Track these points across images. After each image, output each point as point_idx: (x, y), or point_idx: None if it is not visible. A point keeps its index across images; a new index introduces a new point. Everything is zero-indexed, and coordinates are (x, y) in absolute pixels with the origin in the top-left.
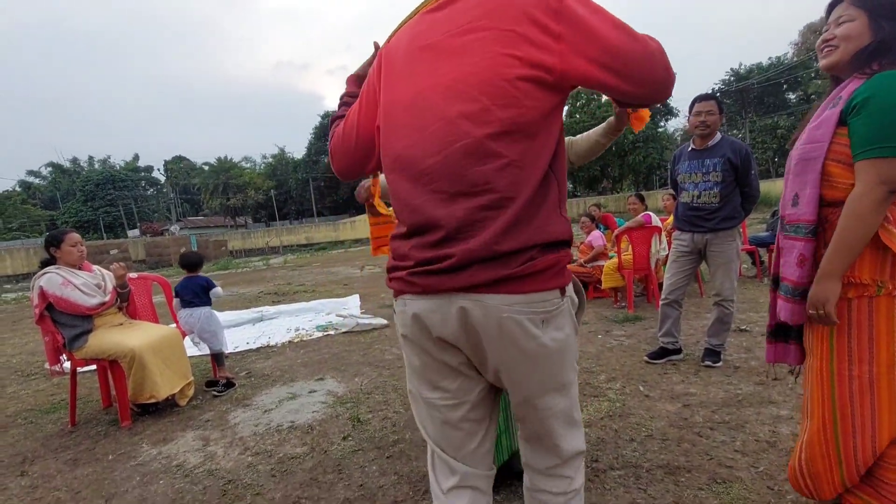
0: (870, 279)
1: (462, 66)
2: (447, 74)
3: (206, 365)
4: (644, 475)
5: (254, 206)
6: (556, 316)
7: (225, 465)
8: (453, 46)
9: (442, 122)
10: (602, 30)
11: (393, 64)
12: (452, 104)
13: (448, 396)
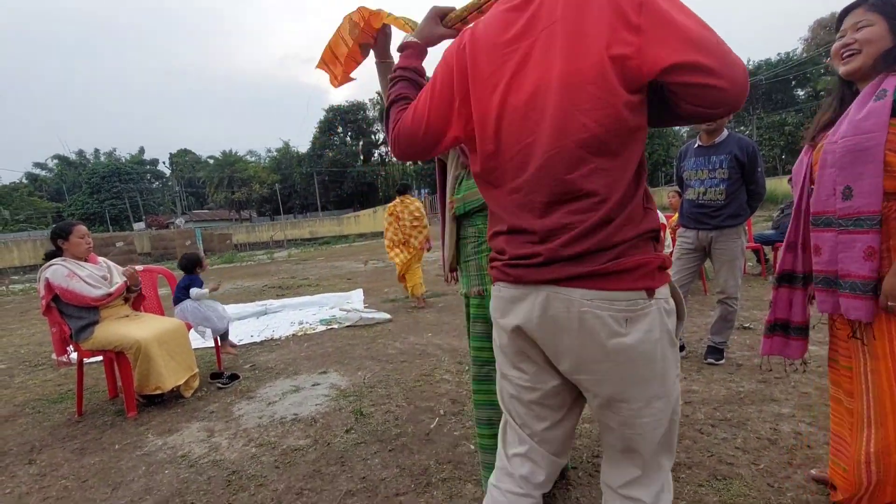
0: None
1: (557, 67)
2: (542, 76)
3: (210, 357)
4: None
5: (258, 200)
6: (643, 317)
7: (229, 456)
8: (546, 47)
9: (542, 126)
10: (683, 21)
11: (479, 64)
12: (549, 109)
13: (526, 378)
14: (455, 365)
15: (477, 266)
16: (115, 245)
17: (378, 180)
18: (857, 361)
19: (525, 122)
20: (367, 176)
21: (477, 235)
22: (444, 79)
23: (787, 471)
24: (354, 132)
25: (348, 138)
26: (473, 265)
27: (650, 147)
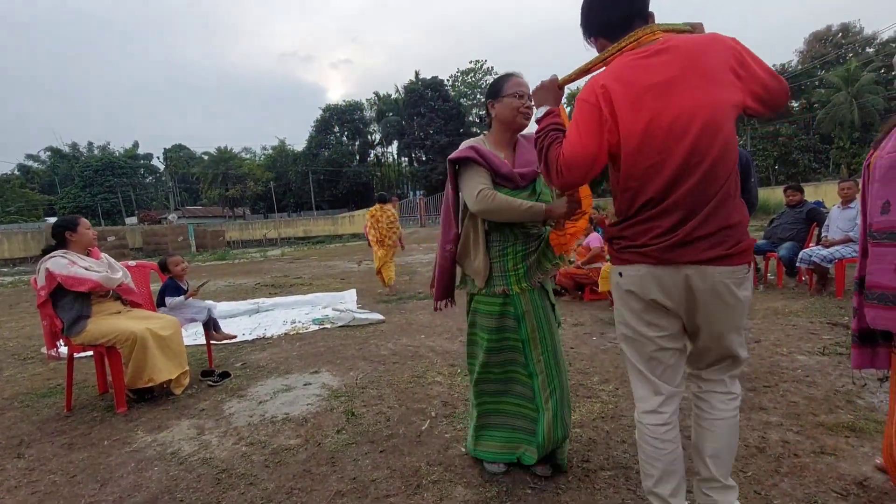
0: None
1: (690, 100)
2: (683, 108)
3: (201, 355)
4: (634, 476)
5: (252, 198)
6: (746, 280)
7: (219, 455)
8: (678, 87)
9: (682, 144)
10: (763, 75)
11: (625, 99)
12: (688, 132)
13: (659, 329)
14: (447, 367)
15: (501, 268)
16: (107, 239)
17: (373, 181)
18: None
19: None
20: (363, 176)
21: (502, 240)
22: (589, 115)
23: (775, 478)
24: (351, 132)
25: (344, 138)
26: (497, 266)
27: None
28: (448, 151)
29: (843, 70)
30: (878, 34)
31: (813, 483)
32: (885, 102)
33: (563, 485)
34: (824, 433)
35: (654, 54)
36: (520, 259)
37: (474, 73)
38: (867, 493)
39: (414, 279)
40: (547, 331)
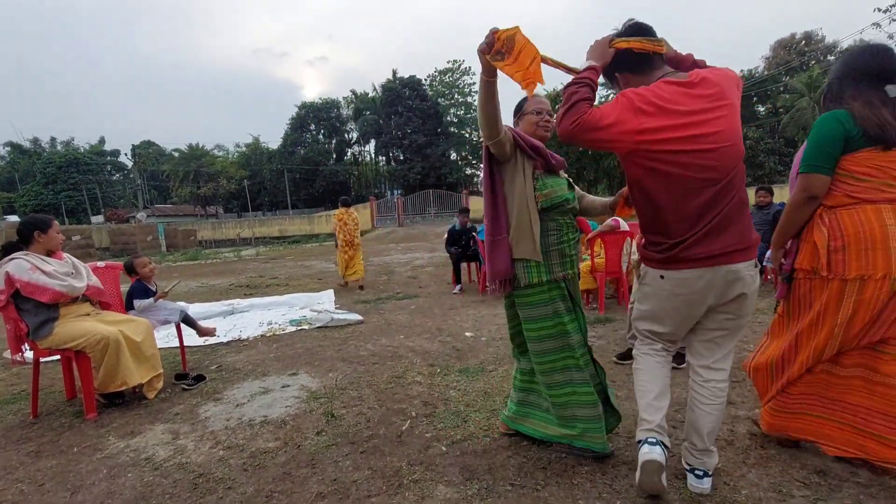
0: (808, 265)
1: (716, 127)
2: (712, 134)
3: (175, 358)
4: (610, 471)
5: (225, 196)
6: (756, 273)
7: (196, 459)
8: (709, 116)
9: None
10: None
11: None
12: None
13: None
14: (427, 367)
15: (560, 254)
16: (72, 239)
17: (350, 179)
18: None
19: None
20: (340, 175)
21: (558, 229)
22: (623, 113)
23: (742, 470)
24: (327, 130)
25: (321, 136)
26: (556, 253)
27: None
28: (426, 151)
29: (805, 76)
30: (838, 43)
31: (778, 473)
32: None
33: (543, 480)
34: None
35: (688, 85)
36: (573, 246)
37: (452, 73)
38: (827, 481)
39: (392, 279)
40: (582, 318)
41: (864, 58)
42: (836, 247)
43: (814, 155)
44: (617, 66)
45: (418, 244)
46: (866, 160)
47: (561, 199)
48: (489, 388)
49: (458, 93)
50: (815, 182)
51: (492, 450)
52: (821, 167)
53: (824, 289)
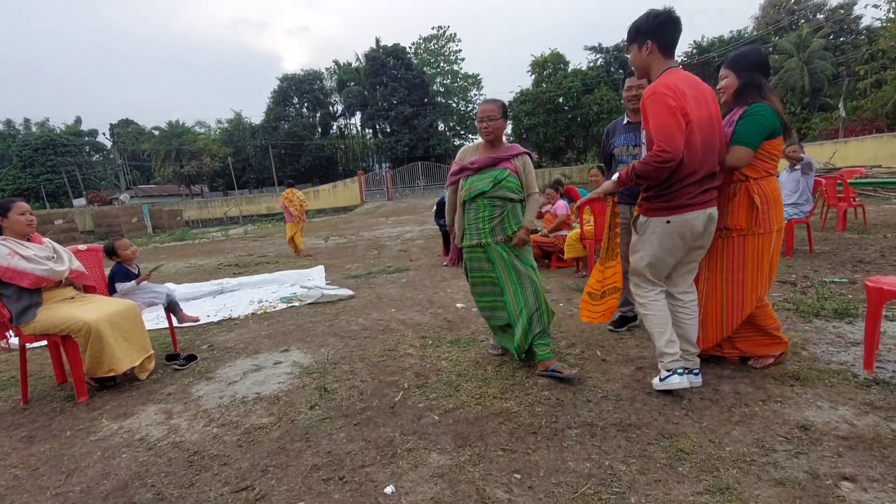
0: (744, 224)
1: (705, 111)
2: (702, 114)
3: (165, 339)
4: (599, 433)
5: (210, 174)
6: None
7: (190, 438)
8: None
9: (707, 136)
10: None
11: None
12: (708, 129)
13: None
14: (418, 339)
15: (477, 229)
16: (54, 223)
17: (337, 154)
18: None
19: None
20: (326, 149)
21: (476, 210)
22: (679, 103)
23: (727, 427)
24: (311, 103)
25: (304, 109)
26: (475, 228)
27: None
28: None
29: (795, 36)
30: (827, 1)
31: (761, 429)
32: (833, 68)
33: (533, 444)
34: (771, 383)
35: (687, 78)
36: (487, 222)
37: (437, 40)
38: (808, 435)
39: (382, 253)
40: (514, 271)
41: (760, 55)
42: (765, 209)
43: (755, 137)
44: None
45: (408, 217)
46: (777, 145)
47: (477, 191)
48: (480, 358)
49: (444, 60)
50: (749, 156)
51: (483, 417)
52: (755, 146)
53: (756, 241)
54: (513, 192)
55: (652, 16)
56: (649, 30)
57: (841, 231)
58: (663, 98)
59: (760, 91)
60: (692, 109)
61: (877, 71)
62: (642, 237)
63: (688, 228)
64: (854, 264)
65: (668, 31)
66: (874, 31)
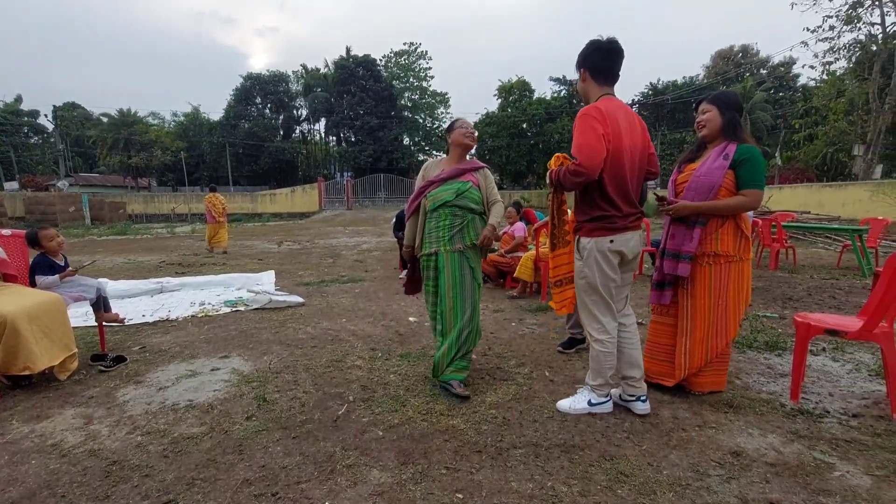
0: (732, 251)
1: (638, 139)
2: (635, 142)
3: (92, 337)
4: (543, 453)
5: (160, 168)
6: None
7: (110, 445)
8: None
9: (637, 163)
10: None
11: (615, 127)
12: (639, 157)
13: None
14: (368, 351)
15: (436, 238)
16: None
17: (298, 158)
18: (682, 299)
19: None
20: (287, 153)
21: (437, 219)
22: (603, 130)
23: (665, 451)
24: (275, 104)
25: (267, 110)
26: (434, 237)
27: (567, 151)
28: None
29: (740, 87)
30: (770, 58)
31: (696, 454)
32: (772, 119)
33: (478, 463)
34: (708, 409)
35: (622, 107)
36: (447, 230)
37: (408, 56)
38: (739, 461)
39: (337, 262)
40: (459, 284)
41: (738, 98)
42: (747, 236)
43: (762, 178)
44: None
45: (367, 228)
46: None
47: (440, 201)
48: (430, 373)
49: (414, 76)
50: (762, 196)
51: (429, 434)
52: (763, 186)
53: (739, 267)
54: (474, 202)
55: (587, 45)
56: (583, 58)
57: (773, 269)
58: (592, 120)
59: (743, 131)
60: (626, 137)
61: (810, 126)
62: (588, 260)
63: (628, 248)
64: (784, 301)
65: (597, 59)
66: (809, 90)
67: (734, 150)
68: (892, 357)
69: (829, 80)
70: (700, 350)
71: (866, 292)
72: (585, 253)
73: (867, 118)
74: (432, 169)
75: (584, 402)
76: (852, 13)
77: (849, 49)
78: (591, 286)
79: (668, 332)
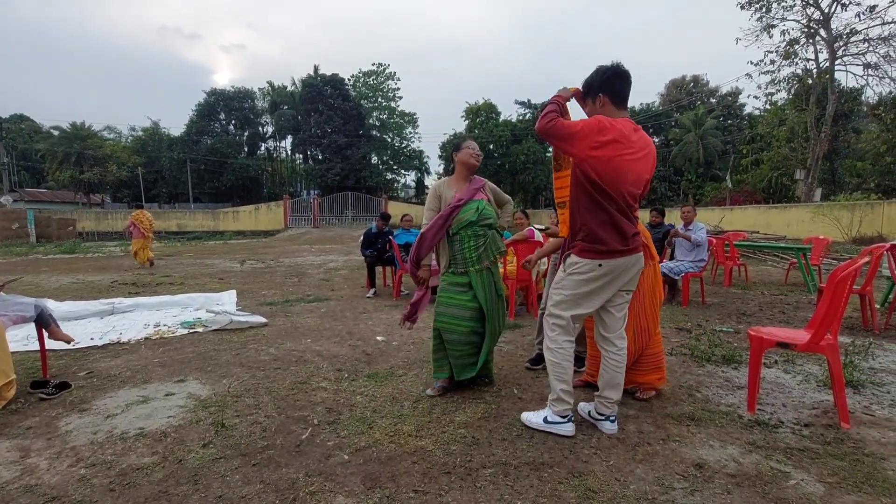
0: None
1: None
2: (641, 169)
3: (32, 363)
4: (512, 472)
5: (115, 184)
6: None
7: (48, 480)
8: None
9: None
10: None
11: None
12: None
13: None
14: (334, 372)
15: (462, 258)
16: None
17: (263, 176)
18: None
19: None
20: (251, 170)
21: (461, 241)
22: (590, 140)
23: (632, 465)
24: (239, 121)
25: (231, 127)
26: (460, 258)
27: (534, 172)
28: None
29: (692, 114)
30: (719, 87)
31: (661, 467)
32: (723, 145)
33: (446, 485)
34: (671, 423)
35: (635, 129)
36: (473, 251)
37: (376, 76)
38: (702, 473)
39: (303, 281)
40: (491, 300)
41: None
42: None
43: None
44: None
45: (333, 246)
46: None
47: (465, 222)
48: (397, 393)
49: (382, 96)
50: None
51: (396, 457)
52: None
53: (652, 271)
54: (492, 218)
55: (601, 71)
56: (601, 83)
57: (728, 286)
58: (600, 123)
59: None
60: (639, 160)
61: (756, 151)
62: (572, 276)
63: (616, 273)
64: (738, 316)
65: (617, 84)
66: (755, 118)
67: None
68: (837, 368)
69: (771, 110)
70: (631, 347)
71: (812, 307)
72: (569, 269)
73: (806, 145)
74: (445, 189)
75: (541, 418)
76: (790, 49)
77: (788, 81)
78: (562, 302)
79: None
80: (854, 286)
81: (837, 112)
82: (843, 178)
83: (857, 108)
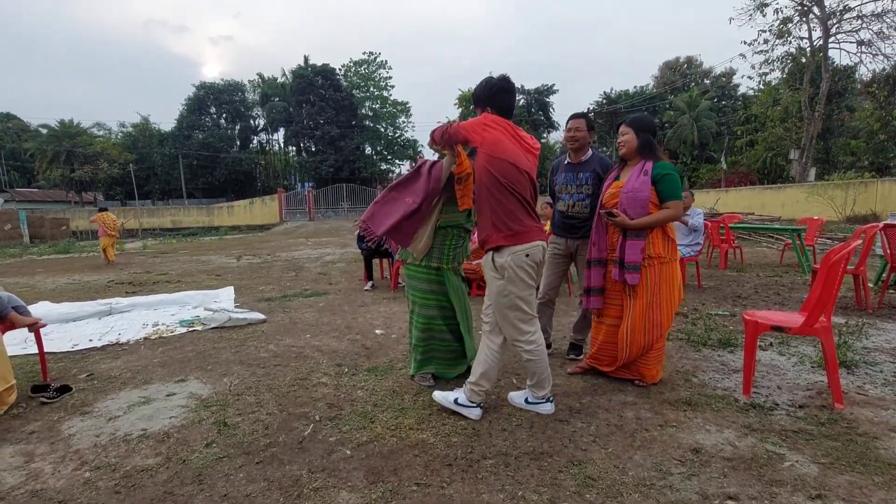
0: (663, 253)
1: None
2: (530, 163)
3: (32, 367)
4: (513, 462)
5: (107, 181)
6: None
7: (54, 484)
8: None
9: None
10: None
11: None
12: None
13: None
14: (334, 367)
15: (441, 253)
16: None
17: (257, 169)
18: (625, 301)
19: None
20: (244, 164)
21: (445, 237)
22: (495, 139)
23: (630, 452)
24: (230, 114)
25: (222, 120)
26: (437, 251)
27: None
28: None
29: (686, 96)
30: (713, 68)
31: (659, 453)
32: (717, 126)
33: (448, 477)
34: (668, 408)
35: (518, 131)
36: (452, 249)
37: (368, 66)
38: (699, 458)
39: (300, 276)
40: (462, 297)
41: (652, 121)
42: (673, 239)
43: (679, 190)
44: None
45: (330, 239)
46: None
47: (455, 223)
48: (398, 387)
49: (374, 86)
50: (682, 205)
51: (398, 450)
52: (681, 197)
53: (670, 267)
54: (473, 224)
55: (489, 86)
56: (487, 98)
57: (723, 269)
58: (483, 121)
59: (657, 150)
60: (524, 154)
61: (750, 132)
62: (508, 274)
63: (538, 257)
64: (734, 299)
65: (503, 100)
66: (749, 98)
67: (651, 167)
68: (830, 349)
69: (765, 90)
70: (640, 341)
71: (807, 287)
72: (502, 271)
73: (800, 125)
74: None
75: (522, 399)
76: (783, 28)
77: (782, 61)
78: (514, 301)
79: (607, 330)
80: (848, 266)
81: (831, 90)
82: (837, 157)
83: (851, 86)
